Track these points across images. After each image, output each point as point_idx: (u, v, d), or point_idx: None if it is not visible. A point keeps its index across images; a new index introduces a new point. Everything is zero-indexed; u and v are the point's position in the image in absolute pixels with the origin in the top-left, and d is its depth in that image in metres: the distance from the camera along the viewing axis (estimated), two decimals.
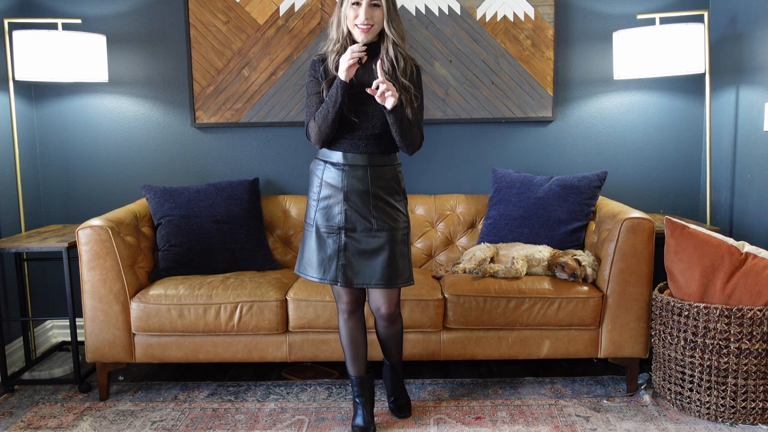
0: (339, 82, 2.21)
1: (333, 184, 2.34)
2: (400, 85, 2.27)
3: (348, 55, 2.18)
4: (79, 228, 2.75)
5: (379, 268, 2.31)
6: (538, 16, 3.34)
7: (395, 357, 2.58)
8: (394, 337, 2.52)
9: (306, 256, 2.39)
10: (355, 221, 2.32)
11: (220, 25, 3.37)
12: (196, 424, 2.61)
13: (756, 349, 2.44)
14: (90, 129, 3.46)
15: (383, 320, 2.45)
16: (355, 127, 2.30)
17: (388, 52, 2.27)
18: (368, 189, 2.32)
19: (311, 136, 2.33)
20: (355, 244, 2.32)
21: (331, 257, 2.33)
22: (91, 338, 2.79)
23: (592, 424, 2.56)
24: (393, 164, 2.38)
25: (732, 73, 3.19)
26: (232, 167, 3.49)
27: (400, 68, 2.28)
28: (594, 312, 2.74)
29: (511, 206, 3.15)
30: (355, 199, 2.32)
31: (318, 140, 2.32)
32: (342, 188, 2.32)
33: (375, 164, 2.33)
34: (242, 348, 2.81)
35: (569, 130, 3.46)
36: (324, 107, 2.26)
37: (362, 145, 2.31)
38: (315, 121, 2.29)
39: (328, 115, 2.25)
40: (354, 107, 2.28)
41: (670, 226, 2.68)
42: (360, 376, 2.49)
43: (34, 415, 2.71)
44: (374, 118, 2.30)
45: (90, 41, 3.10)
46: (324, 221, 2.34)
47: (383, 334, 2.51)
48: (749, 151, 3.07)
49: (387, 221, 2.33)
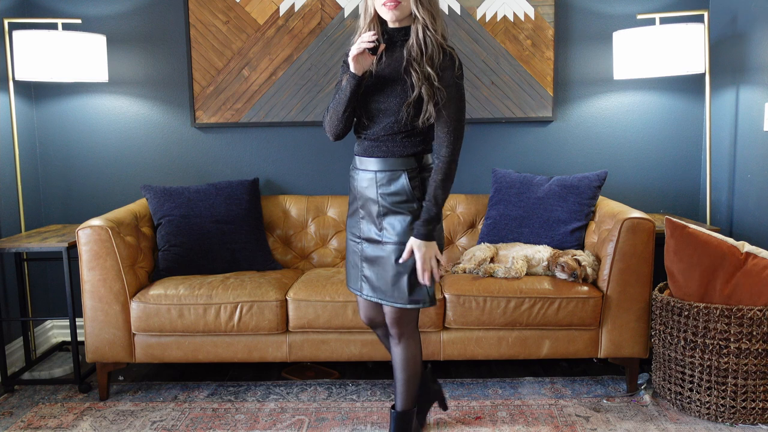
0: (350, 75, 2.01)
1: (352, 189, 2.19)
2: (422, 74, 1.97)
3: (355, 46, 1.97)
4: (79, 228, 2.75)
5: (382, 283, 2.11)
6: (538, 16, 3.34)
7: (400, 399, 2.23)
8: (401, 364, 2.20)
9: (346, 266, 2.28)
10: (367, 230, 2.14)
11: (220, 25, 3.37)
12: (196, 424, 2.61)
13: (756, 349, 2.44)
14: (90, 129, 3.46)
15: (390, 336, 2.22)
16: (367, 126, 2.09)
17: (418, 35, 1.98)
18: (375, 197, 2.10)
19: (324, 125, 2.15)
20: (370, 255, 2.14)
21: (356, 266, 2.19)
22: (91, 338, 2.79)
23: (592, 424, 2.56)
24: (406, 169, 2.06)
25: (732, 73, 3.19)
26: (232, 167, 3.49)
27: (428, 54, 1.97)
28: (594, 312, 2.74)
29: (511, 206, 3.15)
30: (366, 207, 2.13)
31: (328, 131, 2.14)
32: (356, 194, 2.16)
33: (384, 169, 2.08)
34: (242, 348, 2.81)
35: (569, 130, 3.46)
36: (336, 98, 2.07)
37: (371, 148, 2.09)
38: (328, 110, 2.12)
39: (338, 107, 2.06)
40: (369, 104, 2.06)
41: (670, 226, 2.68)
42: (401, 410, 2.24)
43: (34, 415, 2.71)
44: (390, 116, 2.04)
45: (90, 41, 3.10)
46: (349, 228, 2.23)
47: (392, 359, 2.23)
48: (749, 151, 3.07)
49: (394, 234, 2.07)
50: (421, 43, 1.98)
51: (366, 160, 2.11)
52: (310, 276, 2.98)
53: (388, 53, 2.06)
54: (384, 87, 2.04)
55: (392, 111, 2.04)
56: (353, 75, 2.00)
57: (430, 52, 1.98)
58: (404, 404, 2.23)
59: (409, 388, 2.22)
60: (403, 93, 2.01)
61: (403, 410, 2.24)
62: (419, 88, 1.97)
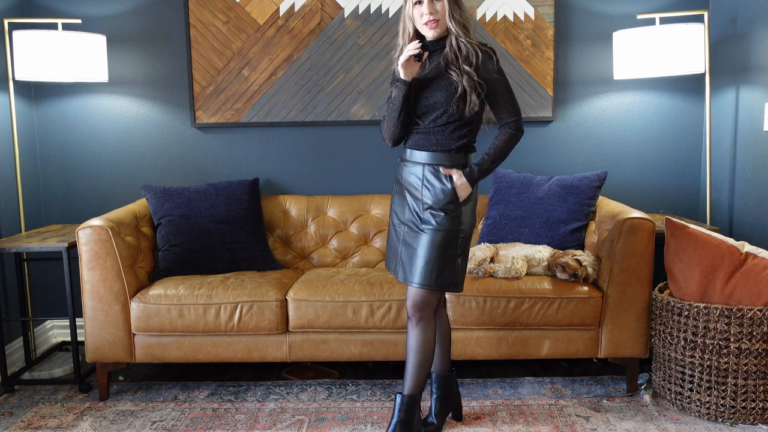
0: (400, 82, 2.24)
1: (398, 178, 2.38)
2: (461, 71, 2.22)
3: (403, 54, 2.21)
4: (79, 228, 2.75)
5: (410, 265, 2.27)
6: (538, 16, 3.34)
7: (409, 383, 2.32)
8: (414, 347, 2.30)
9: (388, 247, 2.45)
10: (410, 216, 2.31)
11: (220, 25, 3.37)
12: (196, 424, 2.61)
13: (756, 349, 2.44)
14: (90, 129, 3.46)
15: (408, 319, 2.33)
16: (416, 122, 2.31)
17: (452, 44, 2.25)
18: (420, 186, 2.29)
19: (382, 133, 2.37)
20: (408, 239, 2.30)
21: (394, 249, 2.36)
22: (91, 338, 2.79)
23: (592, 424, 2.56)
24: (454, 165, 2.28)
25: (732, 73, 3.19)
26: (232, 167, 3.49)
27: (463, 56, 2.23)
28: (594, 312, 2.74)
29: (511, 206, 3.15)
30: (410, 196, 2.32)
31: (387, 137, 2.36)
32: (403, 182, 2.35)
33: (433, 162, 2.29)
34: (242, 348, 2.81)
35: (569, 130, 3.46)
36: (390, 107, 2.30)
37: (422, 141, 2.30)
38: (384, 119, 2.34)
39: (393, 114, 2.28)
40: (419, 102, 2.28)
41: (670, 226, 2.68)
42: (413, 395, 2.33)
43: (34, 415, 2.71)
44: (438, 108, 2.26)
45: (90, 41, 3.10)
46: (393, 213, 2.40)
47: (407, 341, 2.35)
48: (749, 151, 3.07)
49: (433, 221, 2.25)
50: (455, 49, 2.24)
51: (416, 153, 2.31)
52: (310, 276, 2.98)
53: (429, 59, 2.30)
54: (430, 85, 2.26)
55: (440, 104, 2.25)
56: (403, 81, 2.23)
57: (465, 54, 2.23)
58: (412, 388, 2.31)
59: (420, 372, 2.31)
60: (448, 87, 2.23)
61: (410, 394, 2.30)
62: (460, 82, 2.20)
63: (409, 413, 2.30)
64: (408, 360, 2.32)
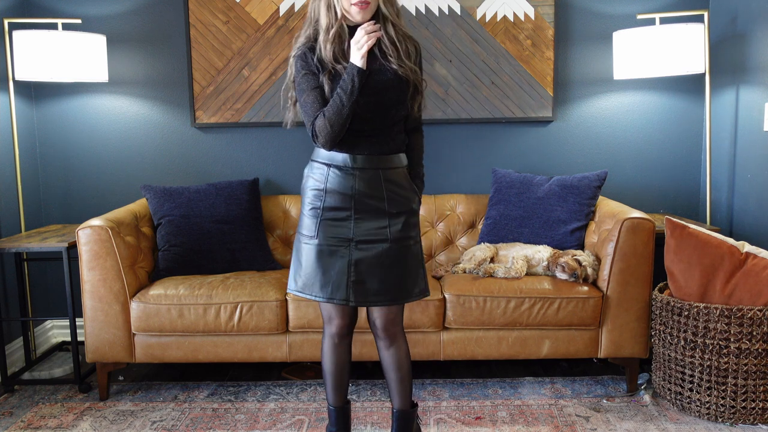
0: (355, 70, 1.93)
1: (340, 190, 2.05)
2: (407, 68, 2.01)
3: (361, 36, 1.91)
4: (79, 228, 2.75)
5: (392, 284, 2.06)
6: (538, 16, 3.34)
7: (400, 398, 2.19)
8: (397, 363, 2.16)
9: (305, 274, 2.07)
10: (368, 232, 2.05)
11: (220, 25, 3.37)
12: (196, 424, 2.61)
13: (756, 349, 2.44)
14: (90, 129, 3.46)
15: (380, 339, 2.16)
16: (363, 122, 2.01)
17: (388, 32, 2.00)
18: (382, 195, 2.06)
19: (321, 135, 2.00)
20: (368, 258, 2.04)
21: (340, 273, 2.04)
22: (91, 338, 2.79)
23: (592, 424, 2.56)
24: (404, 166, 2.13)
25: (732, 73, 3.19)
26: (232, 167, 3.49)
27: (403, 49, 2.02)
28: (594, 312, 2.74)
29: (511, 206, 3.15)
30: (367, 207, 2.05)
31: (329, 140, 1.99)
32: (353, 195, 2.04)
33: (388, 166, 2.07)
34: (242, 348, 2.81)
35: (569, 130, 3.46)
36: (336, 101, 1.95)
37: (373, 144, 2.04)
38: (325, 117, 1.97)
39: (343, 110, 1.95)
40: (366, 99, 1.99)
41: (670, 226, 2.68)
42: (339, 406, 2.24)
43: (34, 415, 2.71)
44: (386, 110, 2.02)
45: (90, 41, 3.10)
46: (331, 233, 2.05)
47: (385, 361, 2.18)
48: (749, 151, 3.07)
49: (402, 231, 2.07)
50: (393, 40, 2.01)
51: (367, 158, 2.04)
52: None
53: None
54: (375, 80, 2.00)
55: (389, 105, 2.03)
56: (360, 70, 1.94)
57: (405, 47, 2.04)
58: (402, 402, 2.20)
59: (405, 386, 2.19)
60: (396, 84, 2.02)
61: (402, 409, 2.21)
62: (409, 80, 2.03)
63: (407, 425, 2.23)
64: (390, 379, 2.19)
